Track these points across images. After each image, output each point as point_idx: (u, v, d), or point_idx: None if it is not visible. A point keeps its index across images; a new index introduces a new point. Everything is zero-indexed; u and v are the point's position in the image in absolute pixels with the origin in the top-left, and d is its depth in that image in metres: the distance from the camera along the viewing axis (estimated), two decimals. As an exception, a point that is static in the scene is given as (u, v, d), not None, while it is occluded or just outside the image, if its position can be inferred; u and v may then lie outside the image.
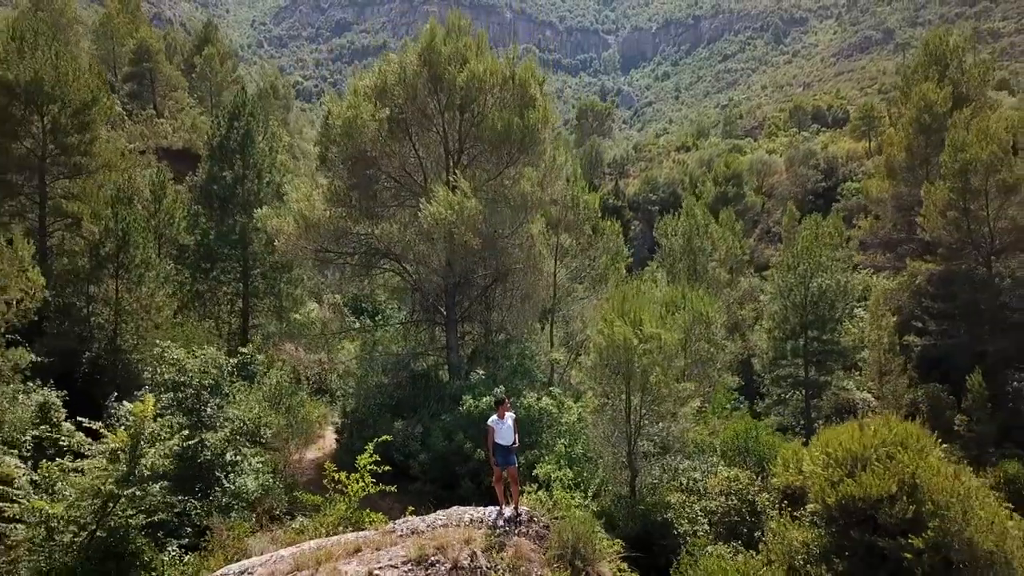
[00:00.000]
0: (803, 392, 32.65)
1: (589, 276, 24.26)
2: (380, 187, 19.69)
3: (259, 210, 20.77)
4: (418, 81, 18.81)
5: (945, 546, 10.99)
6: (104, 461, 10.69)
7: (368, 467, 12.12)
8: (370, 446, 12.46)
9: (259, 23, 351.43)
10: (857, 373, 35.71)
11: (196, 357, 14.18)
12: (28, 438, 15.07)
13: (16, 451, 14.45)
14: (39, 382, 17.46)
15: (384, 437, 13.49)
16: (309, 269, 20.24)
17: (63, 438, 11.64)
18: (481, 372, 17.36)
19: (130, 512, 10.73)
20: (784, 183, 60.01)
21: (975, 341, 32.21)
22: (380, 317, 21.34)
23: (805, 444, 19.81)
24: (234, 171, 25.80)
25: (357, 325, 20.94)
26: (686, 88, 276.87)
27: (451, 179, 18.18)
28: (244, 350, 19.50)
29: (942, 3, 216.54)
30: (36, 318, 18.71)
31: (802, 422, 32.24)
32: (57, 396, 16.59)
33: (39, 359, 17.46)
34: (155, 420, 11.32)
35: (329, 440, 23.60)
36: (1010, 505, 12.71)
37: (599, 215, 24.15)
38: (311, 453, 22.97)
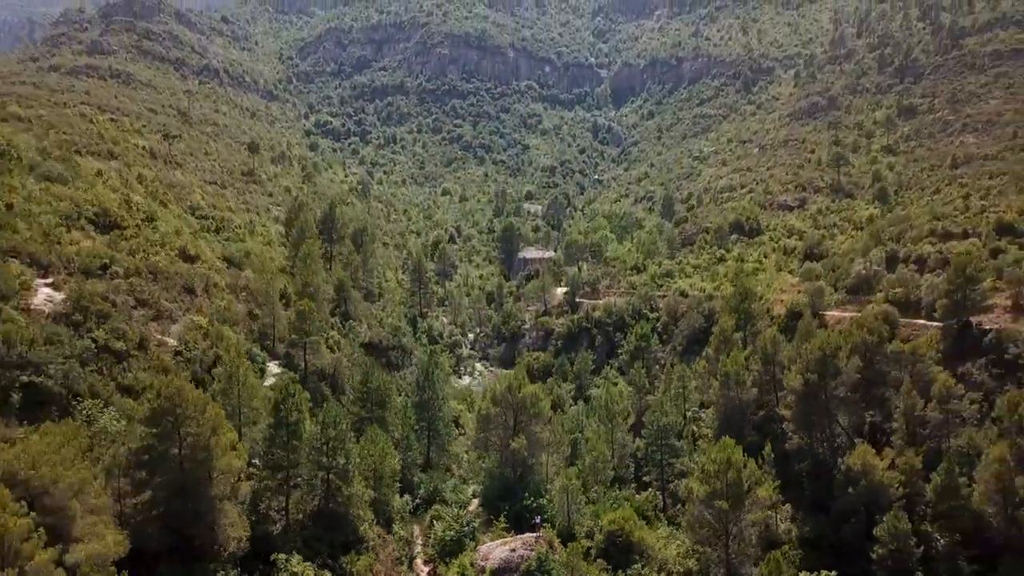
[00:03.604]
0: (659, 469, 75.67)
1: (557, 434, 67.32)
2: (496, 418, 62.71)
3: (456, 432, 64.17)
4: (506, 392, 61.67)
5: (625, 538, 53.81)
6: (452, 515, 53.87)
7: (503, 519, 55.19)
8: (502, 517, 55.37)
9: (286, 57, 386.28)
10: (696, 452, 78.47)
11: (462, 493, 57.20)
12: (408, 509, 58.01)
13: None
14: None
15: (505, 511, 56.41)
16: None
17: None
18: (526, 492, 59.97)
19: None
20: (684, 321, 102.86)
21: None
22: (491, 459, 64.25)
23: (659, 491, 63.84)
24: (427, 394, 68.71)
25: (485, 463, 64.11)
26: (667, 129, 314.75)
27: (518, 429, 61.20)
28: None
29: (879, 72, 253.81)
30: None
31: (660, 480, 75.33)
32: (407, 501, 59.43)
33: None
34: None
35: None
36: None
37: (564, 428, 67.34)
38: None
